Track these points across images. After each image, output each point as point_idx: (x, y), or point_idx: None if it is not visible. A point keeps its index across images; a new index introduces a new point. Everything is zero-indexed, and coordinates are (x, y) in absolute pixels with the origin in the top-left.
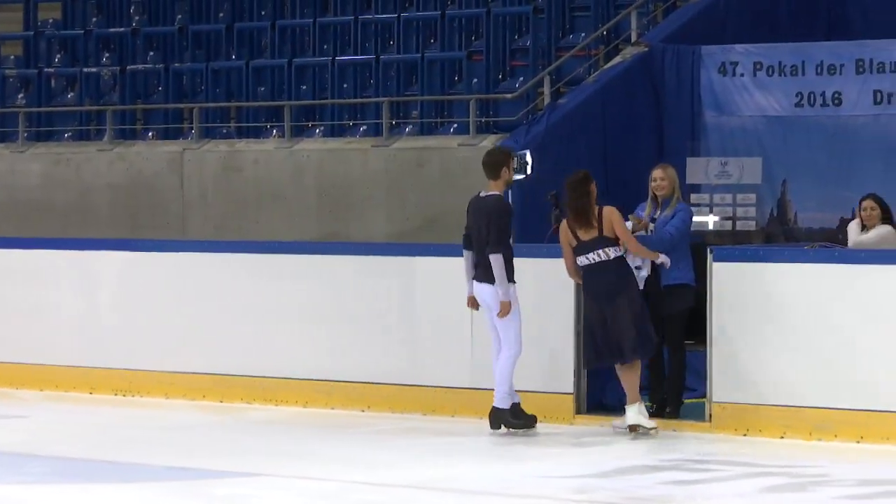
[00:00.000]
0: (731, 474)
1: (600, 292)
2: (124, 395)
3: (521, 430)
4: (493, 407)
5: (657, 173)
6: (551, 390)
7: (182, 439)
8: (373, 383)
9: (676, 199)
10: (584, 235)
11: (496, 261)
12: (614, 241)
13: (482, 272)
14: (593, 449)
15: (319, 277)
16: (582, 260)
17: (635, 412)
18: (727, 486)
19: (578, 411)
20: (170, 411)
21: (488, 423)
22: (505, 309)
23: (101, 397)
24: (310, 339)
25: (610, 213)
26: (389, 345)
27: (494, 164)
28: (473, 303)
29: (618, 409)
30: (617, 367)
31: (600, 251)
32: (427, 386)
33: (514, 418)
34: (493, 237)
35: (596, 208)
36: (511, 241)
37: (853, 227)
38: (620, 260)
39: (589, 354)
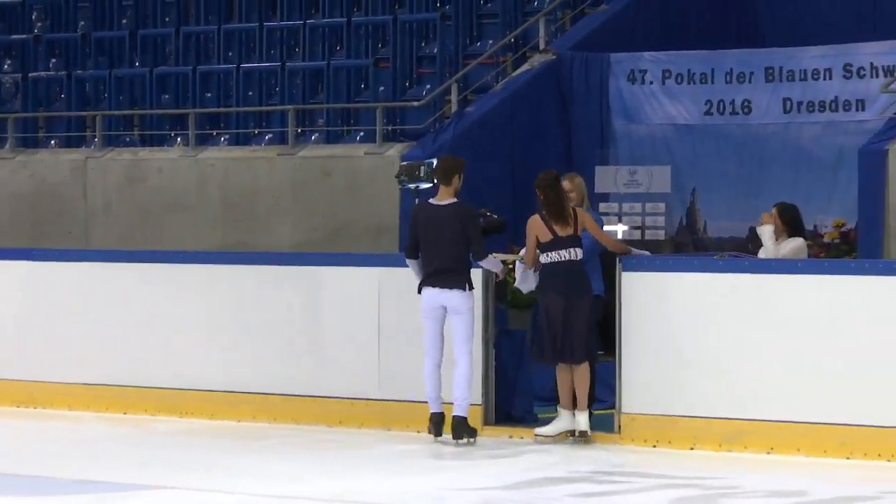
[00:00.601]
0: (640, 486)
1: (569, 291)
2: (26, 408)
3: (473, 440)
4: (457, 416)
5: (564, 184)
6: None
7: (87, 452)
8: (279, 395)
9: (585, 209)
10: (562, 232)
11: (487, 264)
12: (582, 244)
13: (447, 279)
14: (502, 461)
15: (225, 288)
16: (553, 256)
17: (587, 419)
18: (637, 497)
19: (487, 422)
20: (74, 423)
21: (451, 435)
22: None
23: (3, 409)
24: (215, 350)
25: (583, 213)
26: (295, 356)
27: (447, 169)
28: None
29: (526, 420)
30: (561, 370)
31: (573, 250)
32: (333, 397)
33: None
34: (475, 245)
35: (570, 208)
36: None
37: (767, 232)
38: (583, 263)
39: (540, 349)
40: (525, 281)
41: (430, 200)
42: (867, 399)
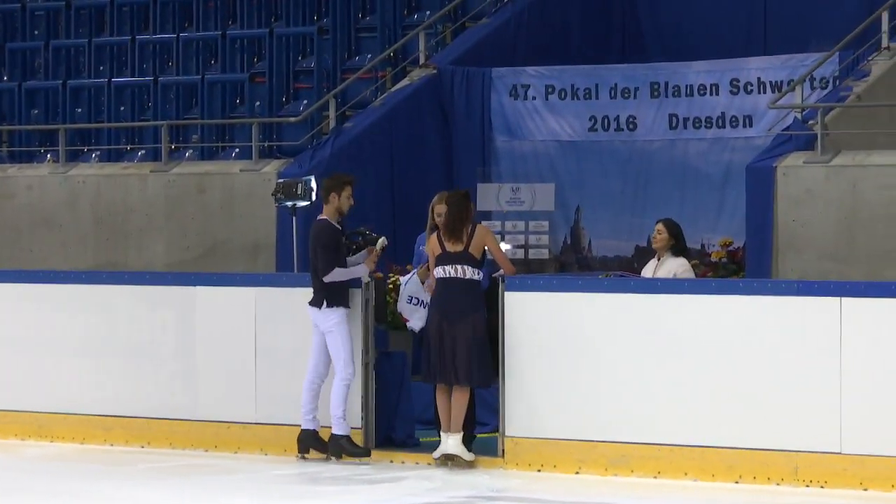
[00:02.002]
0: None
1: (447, 309)
2: None
3: (358, 459)
4: (304, 431)
5: (440, 208)
6: None
7: None
8: (152, 418)
9: None
10: (451, 248)
11: (334, 277)
12: (477, 263)
13: (312, 296)
14: (381, 486)
15: (95, 308)
16: (439, 272)
17: (456, 441)
18: None
19: (366, 446)
20: None
21: (297, 449)
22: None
23: None
24: (86, 372)
25: (484, 232)
26: (168, 378)
27: (324, 187)
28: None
29: (407, 444)
30: (440, 390)
31: (458, 267)
32: (208, 421)
33: (350, 445)
34: (321, 262)
35: (470, 226)
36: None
37: (648, 268)
38: (474, 283)
39: (423, 367)
40: (413, 316)
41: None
42: (756, 422)
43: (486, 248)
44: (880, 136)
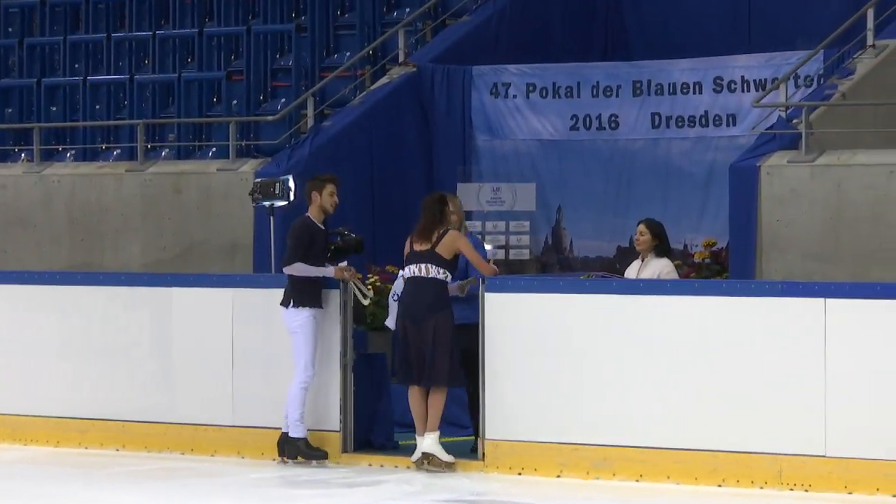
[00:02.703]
0: None
1: (412, 309)
2: None
3: (315, 462)
4: (284, 434)
5: (451, 207)
6: (317, 427)
7: None
8: (128, 421)
9: (464, 231)
10: (418, 247)
11: (293, 270)
12: (445, 264)
13: (283, 296)
14: (360, 489)
15: (70, 309)
16: (406, 272)
17: (433, 441)
18: None
19: (345, 450)
20: None
21: (277, 452)
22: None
23: None
24: (60, 374)
25: (456, 236)
26: (144, 380)
27: (307, 189)
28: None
29: (386, 447)
30: (414, 391)
31: (423, 265)
32: (185, 423)
33: (307, 449)
34: (286, 253)
35: (441, 228)
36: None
37: (631, 269)
38: (439, 283)
39: (394, 367)
40: (393, 313)
41: None
42: (740, 424)
43: (458, 254)
44: (865, 135)
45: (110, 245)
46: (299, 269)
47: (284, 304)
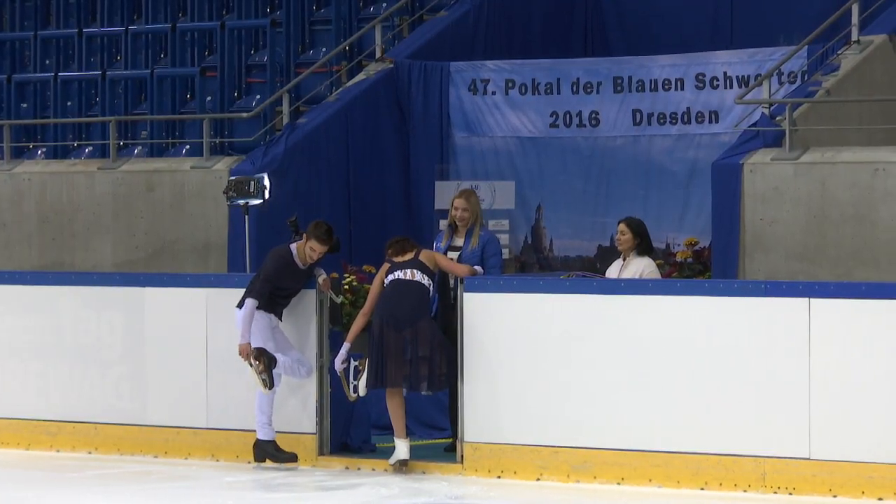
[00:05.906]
0: None
1: (397, 312)
2: None
3: (285, 465)
4: (257, 439)
5: (459, 202)
6: (292, 430)
7: None
8: (100, 423)
9: (479, 227)
10: (399, 259)
11: (244, 306)
12: (429, 272)
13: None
14: (337, 493)
15: (41, 310)
16: (390, 277)
17: (409, 447)
18: None
19: (321, 452)
20: None
21: (252, 455)
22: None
23: None
24: (31, 375)
25: (430, 252)
26: (116, 382)
27: (309, 227)
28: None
29: (363, 450)
30: (391, 393)
31: (408, 270)
32: (158, 426)
33: (276, 451)
34: (253, 283)
35: (415, 248)
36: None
37: (613, 268)
38: (424, 289)
39: (372, 376)
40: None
41: None
42: (722, 427)
43: (437, 268)
44: (850, 133)
45: (81, 244)
46: (246, 310)
47: (239, 305)
